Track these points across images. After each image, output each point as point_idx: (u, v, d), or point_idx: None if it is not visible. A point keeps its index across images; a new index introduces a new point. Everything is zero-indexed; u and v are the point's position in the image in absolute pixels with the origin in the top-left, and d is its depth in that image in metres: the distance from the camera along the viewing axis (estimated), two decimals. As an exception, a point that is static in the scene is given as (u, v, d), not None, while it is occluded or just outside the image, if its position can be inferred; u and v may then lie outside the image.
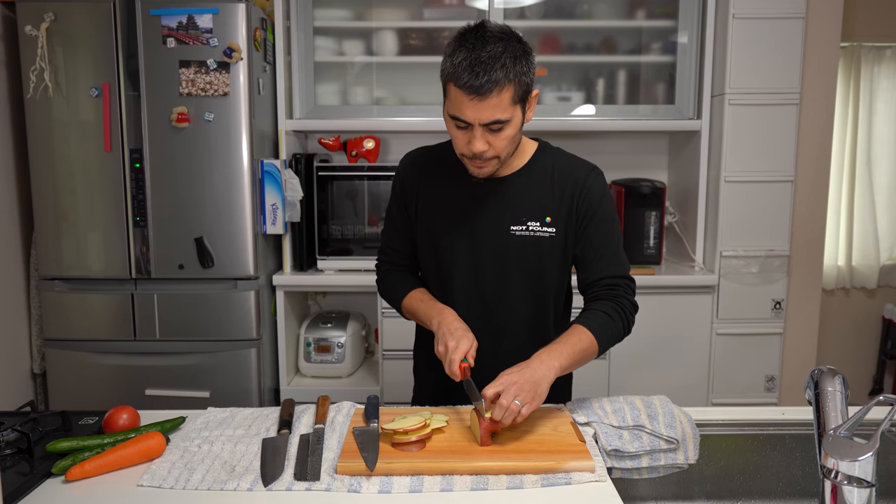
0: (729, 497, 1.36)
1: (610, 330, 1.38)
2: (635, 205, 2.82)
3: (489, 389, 1.21)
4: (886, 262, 3.55)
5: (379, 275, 1.61)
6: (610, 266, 1.43)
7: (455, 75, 1.25)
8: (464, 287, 1.46)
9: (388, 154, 3.00)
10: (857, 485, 0.86)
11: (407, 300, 1.51)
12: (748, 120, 2.61)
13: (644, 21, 2.78)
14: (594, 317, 1.38)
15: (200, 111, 2.35)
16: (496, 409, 1.19)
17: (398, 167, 1.54)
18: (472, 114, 1.26)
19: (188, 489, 1.09)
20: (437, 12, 2.76)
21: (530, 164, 1.44)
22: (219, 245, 2.41)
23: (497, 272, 1.44)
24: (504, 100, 1.25)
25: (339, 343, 2.70)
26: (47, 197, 2.40)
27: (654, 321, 2.63)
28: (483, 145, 1.29)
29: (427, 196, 1.48)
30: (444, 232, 1.46)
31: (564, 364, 1.29)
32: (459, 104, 1.26)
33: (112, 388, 2.46)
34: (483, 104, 1.24)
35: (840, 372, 1.02)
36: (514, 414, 1.19)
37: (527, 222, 1.42)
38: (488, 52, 1.23)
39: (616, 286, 1.43)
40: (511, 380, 1.22)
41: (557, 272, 1.46)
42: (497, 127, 1.28)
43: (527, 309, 1.47)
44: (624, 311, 1.41)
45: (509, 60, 1.24)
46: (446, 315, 1.39)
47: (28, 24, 2.31)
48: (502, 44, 1.25)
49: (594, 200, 1.42)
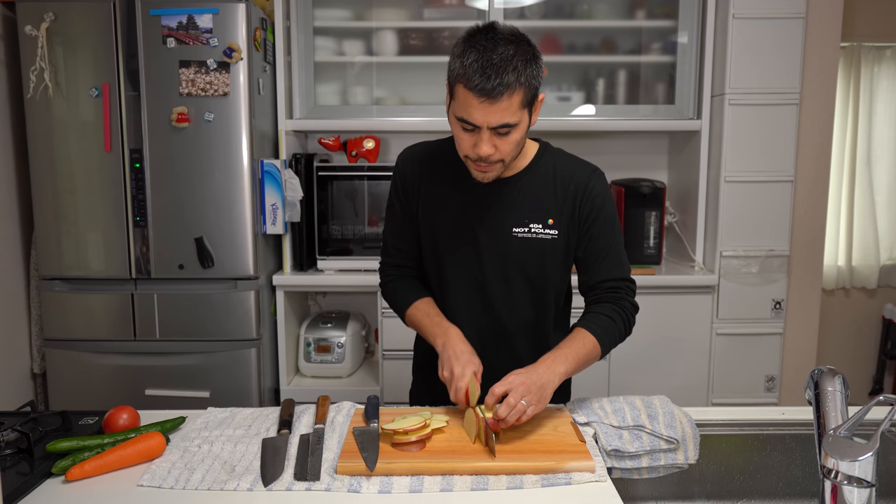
0: (729, 497, 1.36)
1: (612, 333, 1.39)
2: (635, 205, 2.82)
3: (498, 387, 1.23)
4: (886, 262, 3.55)
5: (383, 279, 1.58)
6: (612, 269, 1.43)
7: (465, 77, 1.22)
8: (465, 288, 1.46)
9: (388, 154, 3.00)
10: (857, 485, 0.86)
11: (412, 311, 1.48)
12: (748, 120, 2.60)
13: (644, 21, 2.78)
14: (597, 320, 1.38)
15: (200, 111, 2.35)
16: (503, 406, 1.20)
17: (397, 163, 1.51)
18: (481, 116, 1.24)
19: (188, 489, 1.09)
20: (437, 12, 2.76)
21: (532, 166, 1.43)
22: (219, 245, 2.41)
23: (498, 274, 1.43)
24: (514, 103, 1.24)
25: (339, 343, 2.70)
26: (47, 197, 2.40)
27: (654, 321, 2.63)
28: (490, 149, 1.27)
29: (428, 194, 1.46)
30: (446, 233, 1.45)
31: (569, 369, 1.30)
32: (468, 106, 1.24)
33: (112, 388, 2.46)
34: (493, 107, 1.23)
35: (840, 372, 1.02)
36: (520, 413, 1.20)
37: (529, 224, 1.41)
38: (500, 54, 1.21)
39: (618, 289, 1.43)
40: (519, 380, 1.23)
41: (559, 273, 1.46)
42: (505, 130, 1.26)
43: (528, 310, 1.46)
44: (625, 313, 1.41)
45: (521, 63, 1.22)
46: (451, 336, 1.37)
47: (28, 24, 2.31)
48: (513, 46, 1.23)
49: (597, 202, 1.41)
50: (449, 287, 1.47)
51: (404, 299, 1.50)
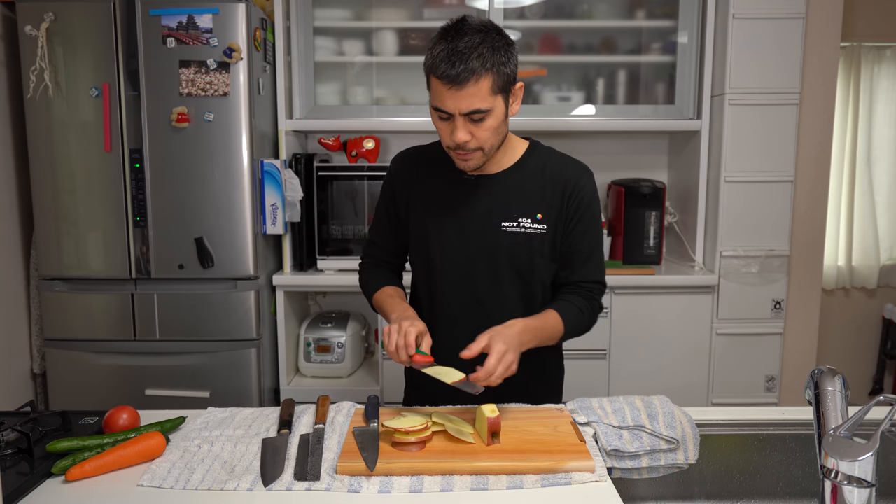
0: (729, 497, 1.36)
1: (578, 326, 1.46)
2: (635, 205, 2.82)
3: (475, 345, 1.25)
4: (886, 262, 3.55)
5: (360, 270, 1.65)
6: (592, 271, 1.49)
7: (434, 66, 1.29)
8: (455, 284, 1.48)
9: (388, 154, 3.00)
10: (857, 485, 0.86)
11: (379, 294, 1.53)
12: (748, 120, 2.61)
13: (644, 21, 2.78)
14: (570, 309, 1.44)
15: (200, 111, 2.35)
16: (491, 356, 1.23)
17: (389, 165, 1.57)
18: (451, 103, 1.29)
19: (188, 489, 1.09)
20: (437, 12, 2.76)
21: (521, 162, 1.46)
22: (219, 245, 2.41)
23: (488, 269, 1.45)
24: (482, 89, 1.28)
25: (339, 343, 2.70)
26: (47, 197, 2.40)
27: (654, 321, 2.63)
28: (465, 135, 1.32)
29: (418, 194, 1.50)
30: (435, 229, 1.47)
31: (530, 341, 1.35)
32: (439, 94, 1.30)
33: (112, 388, 2.46)
34: (461, 93, 1.27)
35: (840, 372, 1.02)
36: (508, 364, 1.24)
37: (518, 219, 1.43)
38: (465, 42, 1.27)
39: (592, 290, 1.49)
40: (497, 330, 1.28)
41: (546, 267, 1.48)
42: (478, 117, 1.30)
43: (517, 304, 1.48)
44: (593, 311, 1.49)
45: (486, 51, 1.27)
46: (406, 311, 1.40)
47: (28, 24, 2.31)
48: (480, 35, 1.29)
49: (584, 202, 1.45)
50: (439, 282, 1.49)
51: (374, 285, 1.56)
